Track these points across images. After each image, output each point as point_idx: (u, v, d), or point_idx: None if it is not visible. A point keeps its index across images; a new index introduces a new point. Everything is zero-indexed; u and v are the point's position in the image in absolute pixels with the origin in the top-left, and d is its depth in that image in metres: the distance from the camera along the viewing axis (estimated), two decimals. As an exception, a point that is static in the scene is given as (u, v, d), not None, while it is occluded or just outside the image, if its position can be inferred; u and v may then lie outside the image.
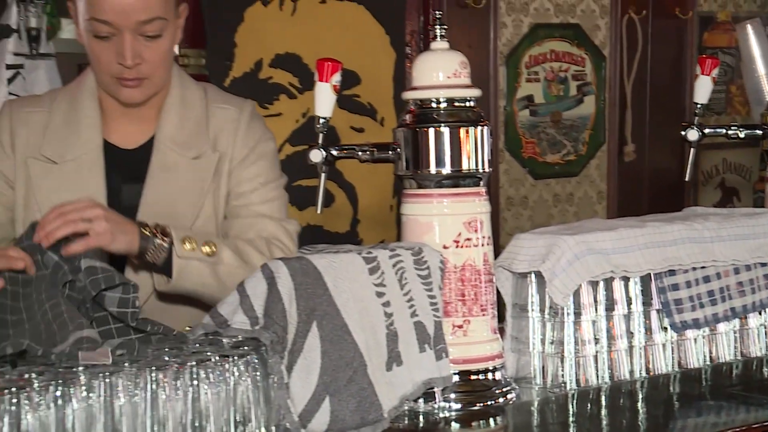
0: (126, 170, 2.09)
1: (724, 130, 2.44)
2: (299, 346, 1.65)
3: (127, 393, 1.48)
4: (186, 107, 2.14)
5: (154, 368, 1.50)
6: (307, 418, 1.64)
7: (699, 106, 2.38)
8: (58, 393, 1.43)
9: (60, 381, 1.43)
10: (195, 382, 1.52)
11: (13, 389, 1.41)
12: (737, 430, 1.74)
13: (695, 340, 2.09)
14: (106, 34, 1.97)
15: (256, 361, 1.61)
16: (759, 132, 2.39)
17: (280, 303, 1.64)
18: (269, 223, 2.13)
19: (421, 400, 1.79)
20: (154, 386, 1.49)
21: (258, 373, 1.61)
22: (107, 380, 1.46)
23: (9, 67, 3.15)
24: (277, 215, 2.16)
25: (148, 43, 1.99)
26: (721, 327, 2.13)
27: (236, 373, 1.57)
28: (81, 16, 2.00)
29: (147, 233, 1.89)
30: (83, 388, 1.45)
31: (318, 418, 1.64)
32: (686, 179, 2.47)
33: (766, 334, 2.20)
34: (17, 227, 2.07)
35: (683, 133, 2.40)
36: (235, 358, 1.57)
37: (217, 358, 1.55)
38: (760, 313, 2.19)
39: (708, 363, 2.11)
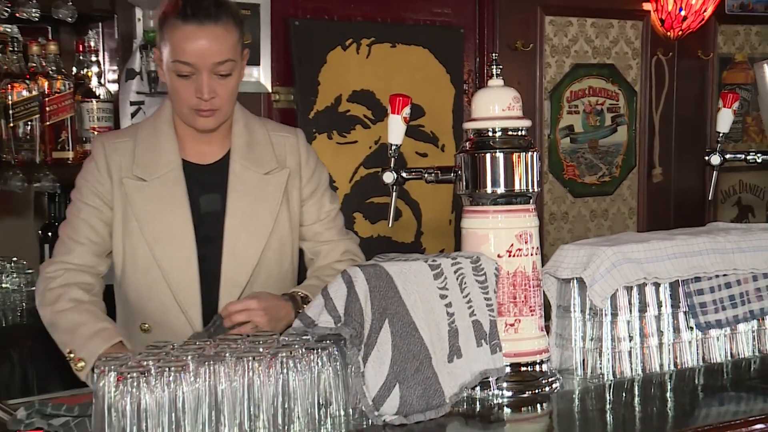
0: (203, 183, 2.17)
1: (743, 156, 2.39)
2: (373, 341, 1.65)
3: (227, 379, 1.48)
4: (250, 132, 2.22)
5: (250, 358, 1.50)
6: (380, 402, 1.63)
7: (721, 134, 2.33)
8: (171, 378, 1.44)
9: (172, 368, 1.44)
10: (285, 371, 1.52)
11: (134, 374, 1.43)
12: (756, 418, 1.69)
13: (718, 338, 2.05)
14: (187, 74, 2.04)
15: (337, 353, 1.61)
16: (774, 157, 2.33)
17: (357, 303, 1.64)
18: (347, 242, 2.29)
19: (477, 388, 1.77)
20: (250, 373, 1.50)
21: (338, 363, 1.60)
22: (211, 368, 1.47)
23: (132, 103, 3.20)
24: (345, 232, 2.31)
25: (220, 80, 2.06)
26: (741, 327, 2.09)
27: (320, 364, 1.57)
28: (165, 59, 2.08)
29: (299, 310, 2.01)
30: (191, 374, 1.46)
31: (389, 403, 1.63)
32: (710, 198, 2.42)
33: (780, 333, 2.14)
34: (116, 240, 2.15)
35: (707, 158, 2.36)
36: (319, 350, 1.57)
37: (303, 350, 1.55)
38: (775, 315, 2.13)
39: (729, 358, 2.06)
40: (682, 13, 4.45)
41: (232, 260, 2.12)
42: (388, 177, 1.90)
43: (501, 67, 1.90)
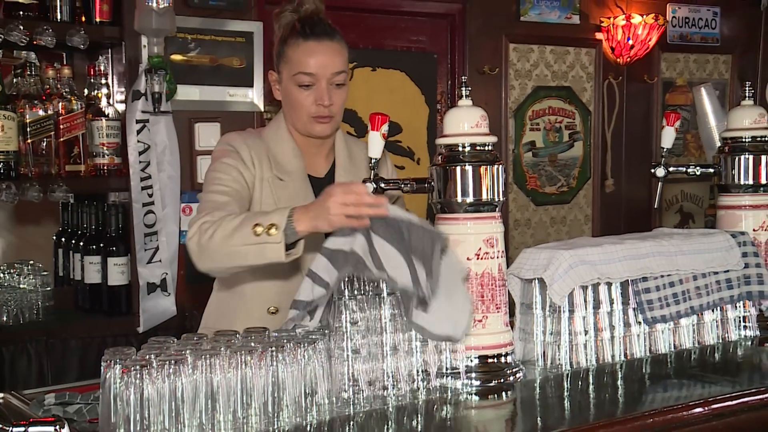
0: (317, 192, 2.08)
1: (684, 169, 2.40)
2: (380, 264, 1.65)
3: (222, 371, 1.46)
4: (349, 149, 2.26)
5: (243, 352, 1.48)
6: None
7: (665, 150, 2.34)
8: (171, 370, 1.42)
9: (172, 361, 1.42)
10: (275, 363, 1.50)
11: (137, 367, 1.41)
12: (695, 402, 1.69)
13: (662, 331, 2.04)
14: (308, 83, 2.09)
15: (322, 346, 1.59)
16: (711, 170, 2.34)
17: (340, 253, 1.64)
18: None
19: (449, 378, 1.75)
20: (243, 366, 1.48)
21: (323, 356, 1.59)
22: (208, 361, 1.45)
23: (138, 121, 3.17)
24: None
25: (336, 90, 2.12)
26: (683, 321, 2.08)
27: (306, 356, 1.55)
28: (285, 76, 2.11)
29: None
30: (190, 367, 1.44)
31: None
32: (655, 206, 2.42)
33: (717, 326, 2.14)
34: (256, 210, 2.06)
35: (652, 170, 2.36)
36: (306, 344, 1.55)
37: (292, 344, 1.53)
38: (712, 311, 2.13)
39: (672, 349, 2.06)
40: (630, 42, 4.47)
41: None
42: (369, 187, 1.89)
43: (470, 89, 1.90)
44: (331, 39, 2.12)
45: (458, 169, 1.81)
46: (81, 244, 3.22)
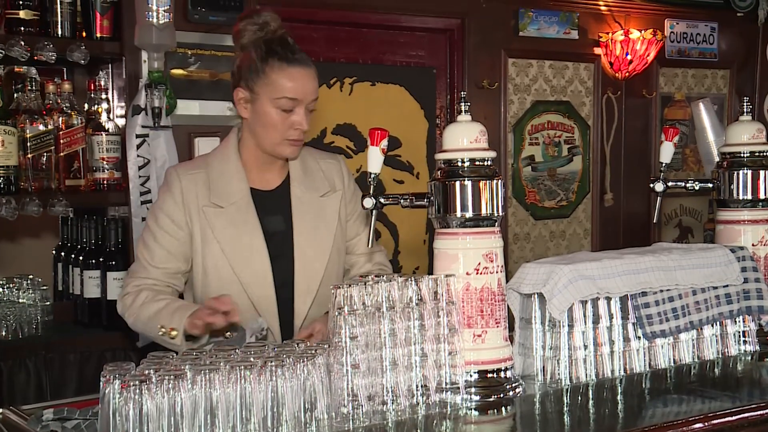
0: (267, 206, 2.22)
1: (683, 183, 2.40)
2: None
3: (222, 386, 1.46)
4: (303, 161, 2.29)
5: (242, 367, 1.48)
6: None
7: (664, 164, 2.34)
8: (170, 385, 1.42)
9: (172, 376, 1.42)
10: (274, 378, 1.50)
11: (137, 382, 1.40)
12: (695, 417, 1.68)
13: (662, 346, 2.04)
14: (289, 108, 2.14)
15: (321, 361, 1.59)
16: (710, 185, 2.35)
17: None
18: (378, 255, 2.40)
19: (448, 393, 1.75)
20: (243, 381, 1.48)
21: (323, 371, 1.59)
22: (207, 376, 1.45)
23: (138, 136, 3.18)
24: (376, 245, 2.37)
25: (309, 115, 2.19)
26: (682, 336, 2.08)
27: (305, 371, 1.55)
28: (264, 96, 2.13)
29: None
30: (189, 382, 1.44)
31: None
32: (654, 221, 2.42)
33: (716, 341, 2.14)
34: (196, 260, 2.20)
35: (651, 185, 2.36)
36: (305, 359, 1.55)
37: (291, 359, 1.53)
38: (712, 325, 2.13)
39: (672, 364, 2.05)
40: (629, 57, 4.49)
41: (303, 272, 2.20)
42: (368, 202, 1.89)
43: (469, 103, 1.90)
44: (309, 66, 2.18)
45: (457, 184, 1.81)
46: (80, 258, 3.23)
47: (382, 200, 1.90)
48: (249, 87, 2.16)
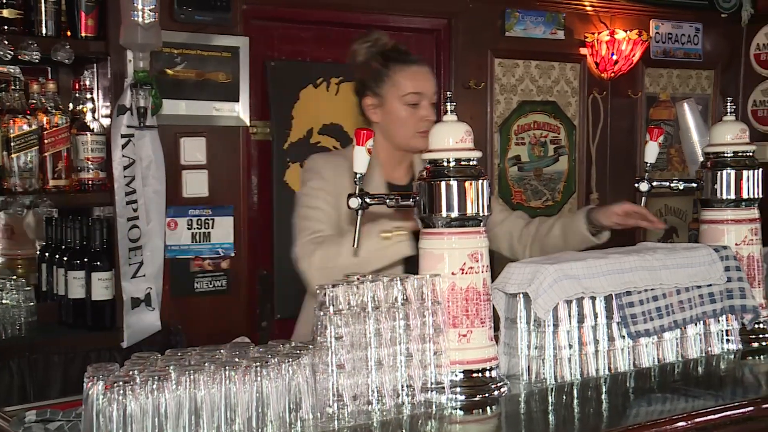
0: None
1: (668, 183, 2.41)
2: None
3: (206, 386, 1.46)
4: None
5: (227, 367, 1.48)
6: None
7: (648, 164, 2.35)
8: (154, 386, 1.41)
9: (156, 377, 1.42)
10: (259, 379, 1.50)
11: (120, 383, 1.40)
12: (679, 416, 1.70)
13: (646, 345, 2.05)
14: (415, 102, 2.41)
15: (306, 361, 1.59)
16: (694, 185, 2.36)
17: None
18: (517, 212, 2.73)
19: (434, 393, 1.75)
20: (227, 381, 1.47)
21: (308, 371, 1.58)
22: (191, 377, 1.44)
23: (123, 136, 3.17)
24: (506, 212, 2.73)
25: (433, 108, 2.45)
26: (666, 335, 2.08)
27: (290, 371, 1.54)
28: (392, 96, 2.41)
29: None
30: (173, 382, 1.43)
31: None
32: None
33: (700, 340, 2.15)
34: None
35: (636, 185, 2.37)
36: (290, 359, 1.55)
37: (276, 360, 1.53)
38: (695, 324, 2.14)
39: (656, 363, 2.06)
40: (614, 57, 4.51)
41: None
42: (354, 202, 1.89)
43: (455, 104, 1.90)
44: (425, 65, 2.50)
45: (443, 184, 1.82)
46: (65, 259, 3.21)
47: (367, 200, 1.90)
48: (375, 93, 2.45)
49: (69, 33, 3.15)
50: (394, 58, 2.44)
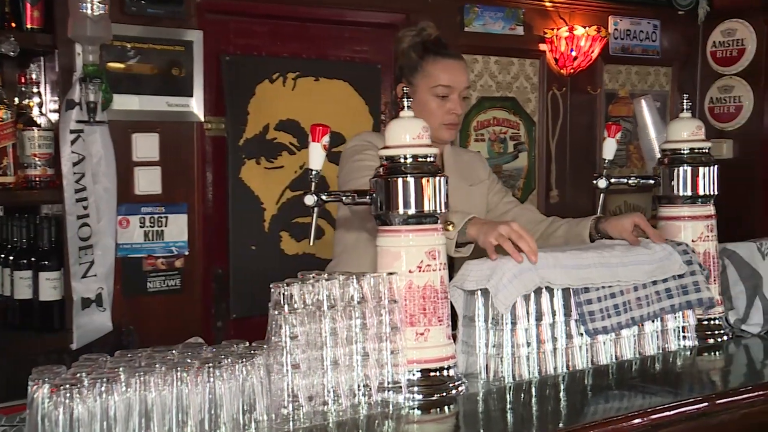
0: None
1: (625, 180, 2.45)
2: None
3: (157, 388, 1.44)
4: (456, 154, 2.71)
5: (179, 368, 1.47)
6: None
7: (606, 161, 2.39)
8: (103, 388, 1.39)
9: (104, 379, 1.40)
10: (212, 380, 1.49)
11: (67, 386, 1.38)
12: (635, 413, 1.72)
13: (604, 342, 2.08)
14: (444, 95, 2.51)
15: (260, 362, 1.58)
16: (651, 181, 2.40)
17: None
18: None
19: (391, 392, 1.76)
20: (179, 383, 1.46)
21: (262, 372, 1.58)
22: (142, 378, 1.43)
23: (72, 131, 3.12)
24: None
25: (462, 102, 2.55)
26: (624, 332, 2.11)
27: (244, 372, 1.54)
28: (423, 87, 2.51)
29: None
30: (123, 384, 1.41)
31: None
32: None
33: (657, 337, 2.18)
34: None
35: (594, 181, 2.41)
36: (243, 360, 1.54)
37: (229, 360, 1.52)
38: (653, 321, 2.17)
39: (614, 360, 2.09)
40: (573, 53, 4.56)
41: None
42: (309, 200, 1.89)
43: (411, 99, 1.91)
44: (460, 59, 2.58)
45: (400, 180, 1.82)
46: (11, 258, 3.15)
47: (323, 197, 1.89)
48: (409, 81, 2.53)
49: (14, 24, 3.09)
50: (433, 50, 2.53)
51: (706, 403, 1.80)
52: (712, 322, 2.32)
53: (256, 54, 3.88)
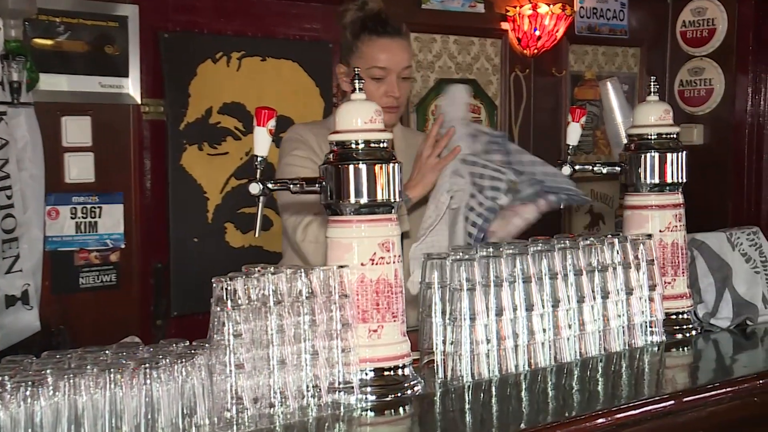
0: None
1: (590, 167, 2.48)
2: None
3: (88, 392, 1.43)
4: (404, 135, 2.72)
5: (112, 370, 1.45)
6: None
7: (570, 147, 2.41)
8: (28, 393, 1.37)
9: (29, 382, 1.38)
10: (148, 381, 1.48)
11: (-12, 390, 1.36)
12: (599, 412, 1.74)
13: (568, 338, 2.10)
14: (380, 76, 2.52)
15: (201, 362, 1.57)
16: (617, 168, 2.43)
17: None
18: None
19: (342, 393, 1.76)
20: (112, 385, 1.44)
21: (203, 373, 1.57)
22: (71, 381, 1.41)
23: (-6, 113, 3.08)
24: None
25: (402, 83, 2.56)
26: (589, 327, 2.14)
27: (184, 373, 1.53)
28: (362, 68, 2.37)
29: None
30: (50, 388, 1.40)
31: None
32: (561, 207, 2.49)
33: (623, 332, 2.21)
34: None
35: (558, 168, 2.43)
36: (183, 360, 1.53)
37: (167, 360, 1.51)
38: (618, 316, 2.20)
39: (578, 357, 2.11)
40: (537, 33, 4.60)
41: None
42: (254, 188, 1.88)
43: (363, 81, 1.91)
44: (400, 36, 2.58)
45: (351, 167, 1.82)
46: (-72, 252, 3.09)
47: (270, 186, 1.89)
48: (346, 62, 2.58)
49: (-71, -3, 3.03)
50: (370, 28, 2.54)
51: (672, 402, 1.84)
52: (680, 316, 2.36)
53: (197, 31, 3.84)
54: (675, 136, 2.40)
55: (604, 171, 2.46)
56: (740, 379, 2.01)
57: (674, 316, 2.35)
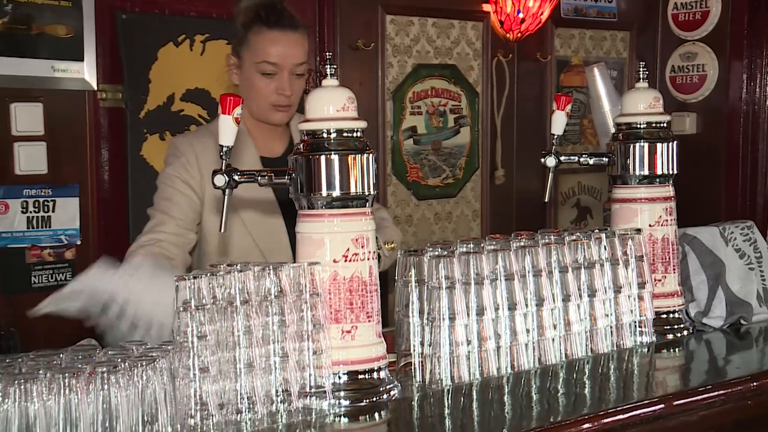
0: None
1: (576, 158, 2.49)
2: None
3: (41, 398, 1.42)
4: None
5: (67, 375, 1.45)
6: None
7: (555, 136, 2.42)
8: (-25, 400, 1.37)
9: (-23, 388, 1.37)
10: (106, 387, 1.47)
11: (-68, 398, 1.35)
12: (584, 417, 1.76)
13: (553, 339, 2.12)
14: (270, 72, 2.50)
15: (163, 365, 1.57)
16: (605, 159, 2.45)
17: None
18: (379, 211, 2.75)
19: (313, 398, 1.77)
20: (67, 391, 1.44)
21: (165, 377, 1.57)
22: (22, 387, 1.41)
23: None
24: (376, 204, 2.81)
25: (296, 79, 2.55)
26: (575, 328, 2.16)
27: (144, 378, 1.52)
28: (248, 62, 2.51)
29: None
30: None
31: None
32: (545, 200, 2.51)
33: (611, 333, 2.23)
34: (208, 226, 2.54)
35: (543, 160, 2.44)
36: (143, 363, 1.53)
37: (127, 364, 1.51)
38: (607, 316, 2.22)
39: (564, 359, 2.13)
40: (521, 15, 4.61)
41: None
42: (220, 180, 1.89)
43: (335, 66, 1.91)
44: (294, 30, 2.51)
45: (322, 158, 1.82)
46: None
47: (236, 177, 1.89)
48: (236, 53, 2.55)
49: None
50: (259, 17, 2.49)
51: (662, 405, 1.86)
52: (671, 315, 2.39)
53: (158, 12, 3.82)
54: (666, 125, 2.42)
55: (591, 162, 2.47)
56: (733, 381, 2.03)
57: (665, 316, 2.38)
